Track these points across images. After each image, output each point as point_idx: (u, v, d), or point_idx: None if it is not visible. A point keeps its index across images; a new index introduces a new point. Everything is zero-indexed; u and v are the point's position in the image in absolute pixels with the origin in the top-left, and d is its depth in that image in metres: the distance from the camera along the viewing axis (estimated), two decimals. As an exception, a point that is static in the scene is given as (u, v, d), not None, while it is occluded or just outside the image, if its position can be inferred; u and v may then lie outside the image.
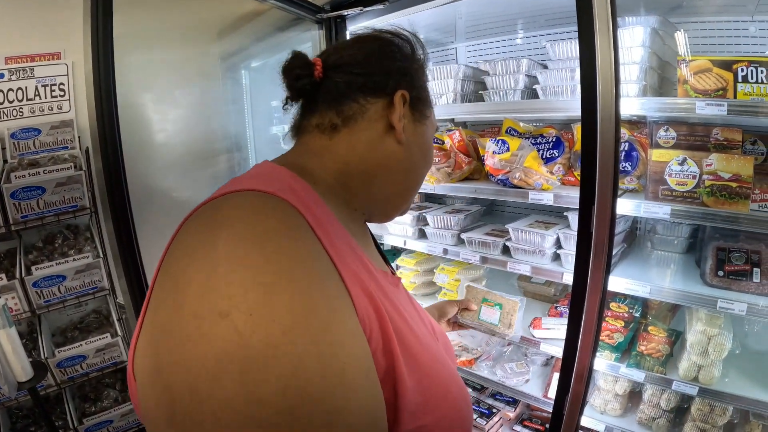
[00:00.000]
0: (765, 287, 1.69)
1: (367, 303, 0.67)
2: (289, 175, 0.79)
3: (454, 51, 2.97)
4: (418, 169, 0.99)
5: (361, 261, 0.76)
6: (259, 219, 0.61)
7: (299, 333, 0.53)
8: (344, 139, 0.90)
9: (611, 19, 1.51)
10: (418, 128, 0.96)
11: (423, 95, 0.97)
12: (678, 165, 1.69)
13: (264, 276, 0.54)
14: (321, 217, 0.71)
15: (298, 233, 0.62)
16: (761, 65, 1.64)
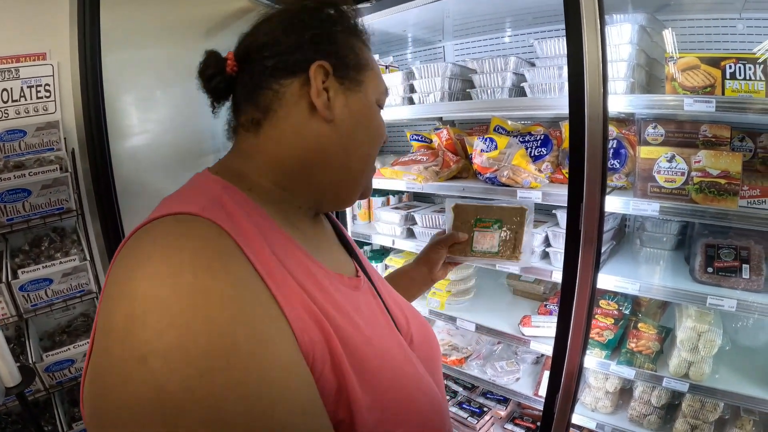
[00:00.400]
0: (754, 283, 1.70)
1: (308, 322, 0.65)
2: (221, 186, 0.76)
3: (441, 49, 2.97)
4: (360, 144, 0.89)
5: (308, 270, 0.74)
6: (175, 252, 0.58)
7: (218, 375, 0.51)
8: (269, 134, 0.83)
9: (599, 17, 1.51)
10: (351, 98, 0.86)
11: (352, 59, 0.86)
12: (666, 162, 1.69)
13: (179, 316, 0.52)
14: (251, 231, 0.68)
15: (219, 262, 0.59)
16: (749, 62, 1.63)
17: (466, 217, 1.58)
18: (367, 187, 0.97)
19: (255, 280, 0.62)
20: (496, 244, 1.50)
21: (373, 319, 0.84)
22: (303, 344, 0.63)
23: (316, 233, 0.93)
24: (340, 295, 0.77)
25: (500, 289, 2.72)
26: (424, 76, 2.36)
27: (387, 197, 2.97)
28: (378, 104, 0.93)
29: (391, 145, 3.44)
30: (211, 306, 0.54)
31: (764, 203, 1.62)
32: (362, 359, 0.71)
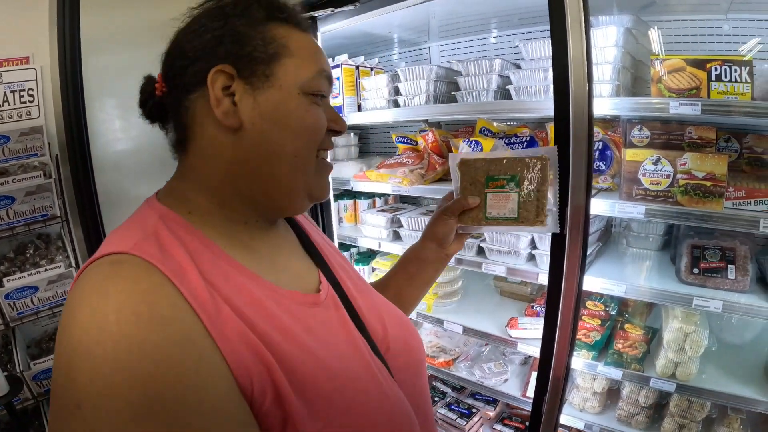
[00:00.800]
0: (740, 283, 1.71)
1: (246, 355, 0.65)
2: (159, 216, 0.75)
3: (427, 51, 2.96)
4: (282, 145, 0.80)
5: (250, 296, 0.72)
6: (102, 300, 0.58)
7: (144, 424, 0.53)
8: (194, 152, 0.81)
9: (583, 19, 1.50)
10: (261, 96, 0.78)
11: (261, 52, 0.78)
12: (652, 164, 1.69)
13: (104, 367, 0.54)
14: (185, 263, 0.68)
15: (145, 305, 0.59)
16: (735, 64, 1.63)
17: (475, 176, 1.31)
18: (314, 188, 0.87)
19: (186, 318, 0.62)
20: (515, 207, 1.24)
21: (329, 339, 0.80)
22: (240, 378, 0.63)
23: (272, 247, 0.89)
24: (291, 316, 0.76)
25: (487, 291, 2.71)
26: (409, 78, 2.34)
27: (373, 199, 2.96)
28: (310, 90, 0.82)
29: (376, 146, 3.42)
30: (132, 353, 0.55)
31: (749, 204, 1.63)
32: (311, 386, 0.70)
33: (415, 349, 1.01)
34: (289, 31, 0.82)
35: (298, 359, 0.70)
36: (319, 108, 0.84)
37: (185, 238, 0.73)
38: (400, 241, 2.58)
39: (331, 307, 0.88)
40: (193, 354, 0.59)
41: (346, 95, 2.58)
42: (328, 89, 0.88)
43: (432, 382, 2.79)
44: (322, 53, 0.88)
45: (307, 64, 0.82)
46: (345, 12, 2.23)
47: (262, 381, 0.65)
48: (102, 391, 0.53)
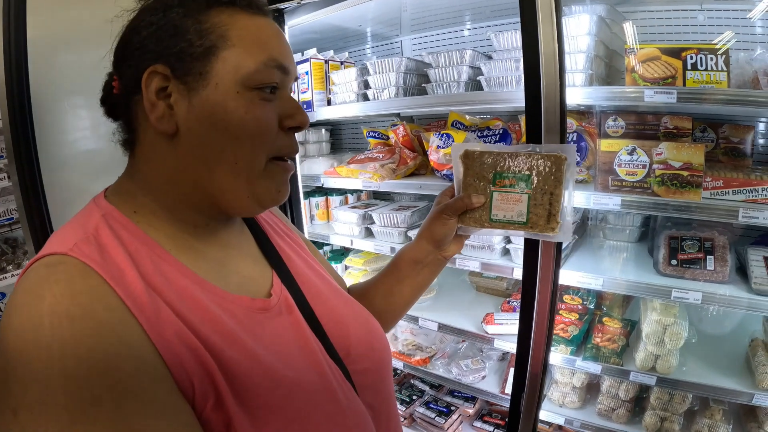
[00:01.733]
0: (719, 274, 1.70)
1: (187, 358, 0.64)
2: (102, 215, 0.72)
3: (399, 44, 2.93)
4: (220, 149, 0.74)
5: (193, 299, 0.70)
6: (36, 303, 0.57)
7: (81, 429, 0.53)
8: (138, 154, 0.77)
9: (554, 7, 1.47)
10: (196, 98, 0.71)
11: (197, 47, 0.71)
12: (627, 155, 1.67)
13: (39, 372, 0.54)
14: (124, 265, 0.66)
15: (79, 307, 0.58)
16: (711, 53, 1.62)
17: (481, 171, 1.14)
18: (263, 194, 0.80)
19: (122, 321, 0.60)
20: (524, 211, 1.09)
21: (279, 345, 0.77)
22: (180, 381, 0.62)
23: (222, 250, 0.84)
24: (236, 321, 0.73)
25: (463, 286, 2.70)
26: (378, 71, 2.30)
27: (345, 196, 2.93)
28: (255, 84, 0.74)
29: (348, 141, 3.40)
30: (66, 358, 0.54)
31: (727, 194, 1.62)
32: (253, 391, 0.67)
33: (379, 352, 0.97)
34: (233, 17, 0.74)
35: (241, 365, 0.68)
36: (267, 104, 0.76)
37: (127, 238, 0.70)
38: (372, 238, 2.55)
39: (284, 311, 0.84)
40: (130, 357, 0.58)
41: (315, 90, 2.54)
42: (284, 79, 0.79)
43: (410, 381, 2.78)
44: (276, 39, 0.79)
45: (250, 54, 0.74)
46: (312, 3, 2.17)
47: (204, 385, 0.63)
48: (37, 397, 0.52)
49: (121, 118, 0.79)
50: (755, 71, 1.65)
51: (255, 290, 0.84)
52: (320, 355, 0.82)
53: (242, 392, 0.66)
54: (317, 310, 0.89)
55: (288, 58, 0.80)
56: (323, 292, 0.96)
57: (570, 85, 1.66)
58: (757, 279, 1.63)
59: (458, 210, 1.12)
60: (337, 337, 0.89)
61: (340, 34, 2.76)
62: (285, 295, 0.87)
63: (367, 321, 1.00)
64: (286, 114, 0.79)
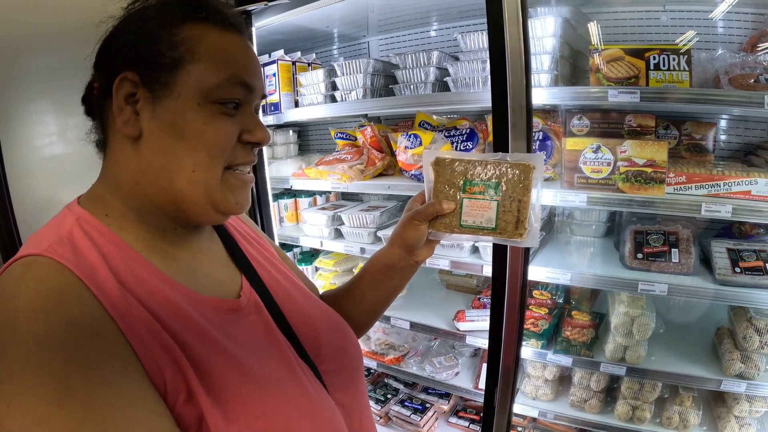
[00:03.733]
0: (684, 266, 1.75)
1: (159, 353, 0.66)
2: (75, 219, 0.74)
3: (366, 45, 2.92)
4: (180, 158, 0.75)
5: (165, 298, 0.72)
6: (11, 300, 0.60)
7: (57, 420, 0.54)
8: (109, 156, 0.80)
9: (521, 9, 1.50)
10: (159, 106, 0.74)
11: (167, 57, 0.74)
12: (592, 153, 1.70)
13: (15, 365, 0.55)
14: (97, 264, 0.68)
15: (52, 303, 0.60)
16: (673, 53, 1.66)
17: (451, 178, 1.16)
18: (221, 203, 0.80)
19: (95, 316, 0.62)
20: (493, 217, 1.11)
21: (250, 344, 0.79)
22: (153, 375, 0.64)
23: (191, 253, 0.86)
24: (207, 320, 0.75)
25: (433, 284, 2.72)
26: (345, 72, 2.30)
27: (314, 198, 2.92)
28: (214, 99, 0.76)
29: (316, 143, 3.39)
30: (43, 351, 0.56)
31: (690, 189, 1.66)
32: (224, 387, 0.69)
33: (350, 353, 1.00)
34: (205, 32, 0.77)
35: (212, 361, 0.70)
36: (227, 119, 0.78)
37: (99, 241, 0.72)
38: (342, 239, 2.55)
39: (253, 312, 0.86)
40: (103, 349, 0.60)
41: (282, 92, 2.53)
42: (247, 96, 0.81)
43: (384, 380, 2.79)
44: (244, 56, 0.82)
45: (215, 70, 0.76)
46: (279, 5, 2.16)
47: (175, 380, 0.65)
48: (14, 389, 0.54)
49: (96, 119, 0.81)
50: (716, 70, 1.70)
51: (224, 292, 0.85)
52: (289, 353, 0.84)
53: (214, 387, 0.68)
54: (286, 312, 0.91)
55: (253, 76, 0.81)
56: (292, 294, 0.98)
57: (536, 85, 1.69)
58: (720, 270, 1.68)
59: (429, 216, 1.12)
60: (306, 337, 0.90)
61: (307, 35, 2.75)
62: (254, 297, 0.88)
63: (336, 323, 1.02)
64: (246, 129, 0.81)
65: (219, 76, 0.76)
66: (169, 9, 0.76)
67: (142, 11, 0.76)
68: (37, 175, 1.85)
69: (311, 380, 0.84)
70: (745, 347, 1.69)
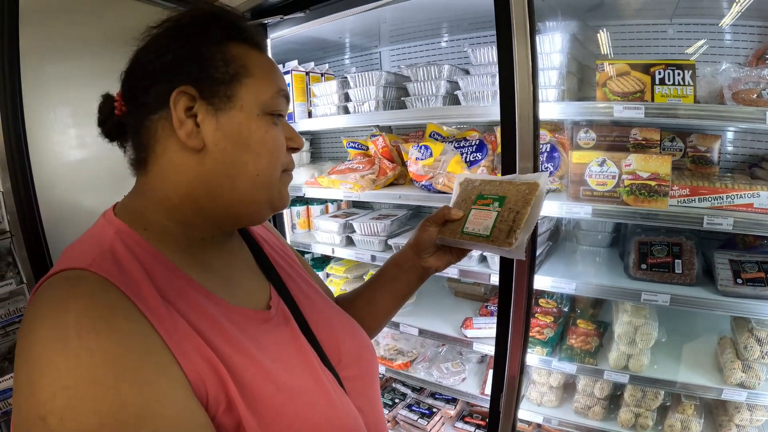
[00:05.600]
0: (687, 277, 1.77)
1: (202, 366, 0.68)
2: (115, 231, 0.77)
3: (378, 55, 2.96)
4: (243, 165, 0.81)
5: (204, 312, 0.75)
6: (61, 315, 0.61)
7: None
8: (153, 171, 0.82)
9: (529, 26, 1.53)
10: (223, 117, 0.79)
11: (222, 73, 0.79)
12: (598, 166, 1.73)
13: (67, 379, 0.57)
14: (141, 280, 0.70)
15: (103, 320, 0.61)
16: (678, 68, 1.69)
17: (469, 193, 1.30)
18: (276, 200, 0.88)
19: (144, 331, 0.65)
20: (490, 225, 1.18)
21: (279, 353, 0.83)
22: (196, 387, 0.66)
23: (225, 263, 0.90)
24: (242, 332, 0.78)
25: (442, 292, 2.75)
26: (359, 84, 2.33)
27: (326, 205, 2.96)
28: (269, 110, 0.84)
29: (328, 151, 3.41)
30: (95, 367, 0.58)
31: (694, 202, 1.68)
32: (260, 398, 0.72)
33: (367, 360, 1.03)
34: (247, 51, 0.84)
35: (249, 373, 0.73)
36: (277, 128, 0.86)
37: (141, 255, 0.75)
38: (353, 247, 2.58)
39: (282, 322, 0.90)
40: (153, 364, 0.63)
41: (296, 101, 2.57)
42: (286, 108, 0.90)
43: (391, 384, 2.82)
44: (279, 72, 0.90)
45: (266, 84, 0.84)
46: (294, 19, 2.24)
47: (216, 392, 0.68)
48: (67, 403, 0.55)
49: (131, 137, 0.84)
50: (720, 85, 1.70)
51: (255, 303, 0.89)
52: (315, 361, 0.87)
53: (250, 397, 0.71)
54: (310, 320, 0.95)
55: (287, 90, 0.91)
56: (316, 303, 1.02)
57: (543, 100, 1.72)
58: (722, 281, 1.69)
59: (438, 219, 1.25)
60: (329, 346, 0.94)
61: (320, 45, 2.79)
62: (282, 307, 0.92)
63: (355, 331, 1.06)
64: (288, 137, 0.90)
65: (271, 90, 0.84)
66: (213, 29, 0.81)
67: (182, 30, 0.81)
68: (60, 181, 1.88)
69: (335, 387, 0.87)
70: (746, 357, 1.71)
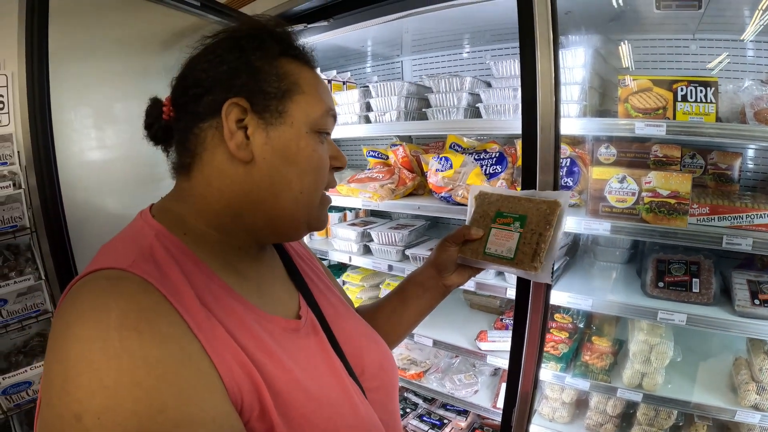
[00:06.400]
0: (704, 296, 1.75)
1: (238, 372, 0.68)
2: (155, 234, 0.77)
3: (399, 64, 2.97)
4: (289, 181, 0.82)
5: (240, 319, 0.75)
6: (103, 314, 0.60)
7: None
8: (198, 178, 0.82)
9: (552, 41, 1.53)
10: (273, 132, 0.80)
11: (274, 88, 0.81)
12: (618, 182, 1.72)
13: (107, 379, 0.56)
14: (181, 285, 0.70)
15: (145, 322, 0.61)
16: (700, 85, 1.68)
17: (487, 209, 1.27)
18: (314, 220, 0.90)
19: (185, 336, 0.65)
20: (513, 247, 1.16)
21: (308, 362, 0.83)
22: (232, 393, 0.66)
23: (258, 272, 0.91)
24: (274, 340, 0.79)
25: (457, 303, 2.74)
26: (380, 94, 2.34)
27: (344, 213, 2.97)
28: (318, 128, 0.85)
29: (349, 160, 3.38)
30: (136, 368, 0.57)
31: (713, 220, 1.67)
32: (291, 405, 0.73)
33: (389, 372, 1.04)
34: (300, 68, 0.85)
35: (281, 380, 0.73)
36: (323, 146, 0.87)
37: (180, 259, 0.75)
38: (370, 255, 2.59)
39: (311, 332, 0.90)
40: (192, 368, 0.63)
41: (318, 109, 2.55)
42: (333, 127, 0.91)
43: (403, 394, 2.81)
44: (329, 91, 0.91)
45: (317, 102, 0.85)
46: (318, 27, 2.26)
47: (251, 398, 0.68)
48: (106, 402, 0.55)
49: (177, 142, 0.86)
50: (743, 103, 1.69)
51: (285, 312, 0.90)
52: (342, 372, 0.88)
53: (282, 404, 0.71)
54: (336, 331, 0.95)
55: (335, 110, 0.91)
56: (341, 314, 1.03)
57: (565, 115, 1.71)
58: (740, 301, 1.67)
59: (458, 238, 1.24)
60: (353, 356, 0.95)
61: (342, 53, 2.80)
62: (311, 317, 0.93)
63: (377, 341, 1.07)
64: (333, 156, 0.90)
65: (321, 109, 0.85)
66: (268, 44, 0.82)
67: (237, 42, 0.82)
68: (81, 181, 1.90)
69: (360, 398, 0.88)
70: (761, 379, 1.69)
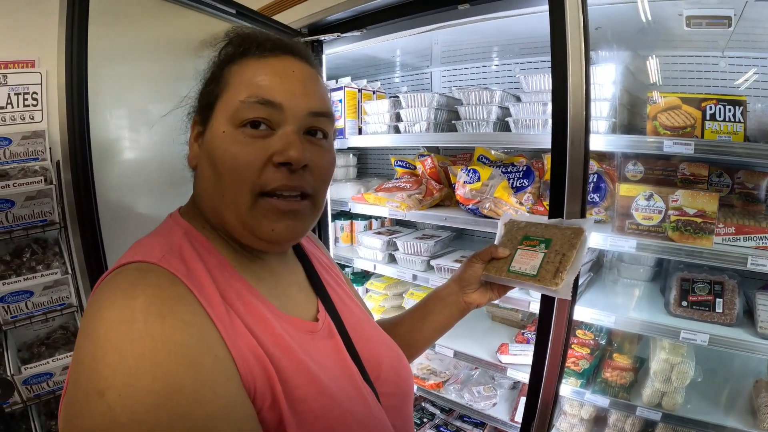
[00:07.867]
0: (727, 317, 1.74)
1: (252, 362, 0.71)
2: (183, 232, 0.82)
3: (429, 75, 2.99)
4: (216, 182, 0.80)
5: (257, 313, 0.78)
6: (130, 300, 0.64)
7: (164, 411, 0.58)
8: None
9: (584, 56, 1.53)
10: (205, 138, 0.84)
11: (211, 97, 0.83)
12: (645, 200, 1.72)
13: (130, 358, 0.59)
14: (204, 279, 0.74)
15: (169, 309, 0.65)
16: (729, 103, 1.67)
17: (515, 233, 1.34)
18: (257, 230, 0.81)
19: (204, 324, 0.68)
20: (537, 265, 1.21)
21: (323, 362, 0.84)
22: (246, 382, 0.69)
23: (272, 274, 0.92)
24: (290, 337, 0.80)
25: (479, 316, 2.73)
26: (410, 105, 2.36)
27: (370, 221, 2.99)
28: (239, 122, 0.79)
29: (374, 167, 3.45)
30: (157, 351, 0.61)
31: (739, 240, 1.66)
32: (302, 399, 0.74)
33: (404, 378, 1.05)
34: (242, 65, 0.83)
35: (294, 374, 0.75)
36: (254, 142, 0.79)
37: (204, 255, 0.80)
38: (395, 264, 2.60)
39: (327, 335, 0.92)
40: (210, 355, 0.66)
41: (347, 118, 2.60)
42: (275, 114, 0.80)
43: (421, 404, 2.81)
44: (271, 75, 0.81)
45: (235, 93, 0.80)
46: (351, 37, 2.28)
47: (263, 388, 0.71)
48: (127, 380, 0.58)
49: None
50: (771, 122, 1.68)
51: (303, 314, 0.92)
52: (356, 376, 0.90)
53: (293, 398, 0.73)
54: (353, 336, 0.97)
55: (279, 92, 0.80)
56: (360, 321, 1.04)
57: (594, 131, 1.72)
58: (763, 323, 1.66)
59: (485, 256, 1.29)
60: (369, 361, 0.96)
61: (372, 62, 2.84)
62: (328, 321, 0.95)
63: (395, 351, 1.08)
64: (277, 149, 0.78)
65: (237, 99, 0.79)
66: (224, 52, 0.86)
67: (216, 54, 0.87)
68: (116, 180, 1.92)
69: (373, 402, 0.89)
70: (781, 402, 1.66)
